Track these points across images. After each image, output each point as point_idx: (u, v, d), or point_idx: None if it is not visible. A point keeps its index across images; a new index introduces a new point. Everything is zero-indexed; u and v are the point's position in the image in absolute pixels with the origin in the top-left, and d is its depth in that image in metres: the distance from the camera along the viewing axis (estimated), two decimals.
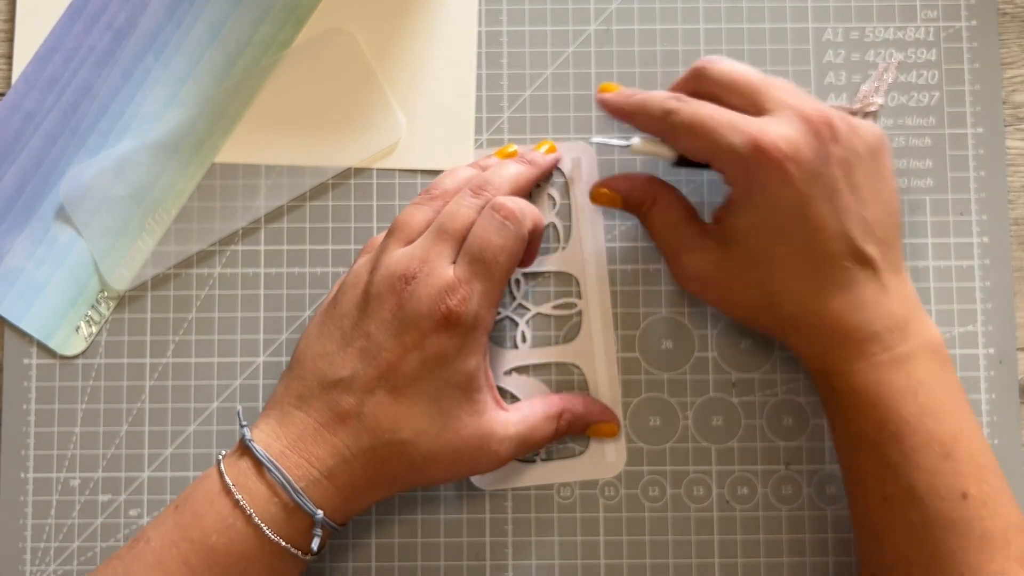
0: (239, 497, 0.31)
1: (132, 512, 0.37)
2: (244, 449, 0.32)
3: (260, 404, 0.37)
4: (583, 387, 0.37)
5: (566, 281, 0.37)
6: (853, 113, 0.38)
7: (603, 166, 0.38)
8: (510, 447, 0.33)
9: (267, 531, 0.31)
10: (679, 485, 0.37)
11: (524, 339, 0.37)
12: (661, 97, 0.33)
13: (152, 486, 0.37)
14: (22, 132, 0.38)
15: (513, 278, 0.37)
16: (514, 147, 0.37)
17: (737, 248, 0.33)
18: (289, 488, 0.31)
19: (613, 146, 0.36)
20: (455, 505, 0.37)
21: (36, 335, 0.37)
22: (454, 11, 0.38)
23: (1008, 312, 0.37)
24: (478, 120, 0.38)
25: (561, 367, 0.37)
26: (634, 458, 0.37)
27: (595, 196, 0.36)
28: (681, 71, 0.38)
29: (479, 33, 0.39)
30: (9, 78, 0.38)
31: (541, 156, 0.37)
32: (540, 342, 0.37)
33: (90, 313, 0.38)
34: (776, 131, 0.31)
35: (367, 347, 0.32)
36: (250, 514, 0.31)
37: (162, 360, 0.38)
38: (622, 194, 0.36)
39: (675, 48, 0.38)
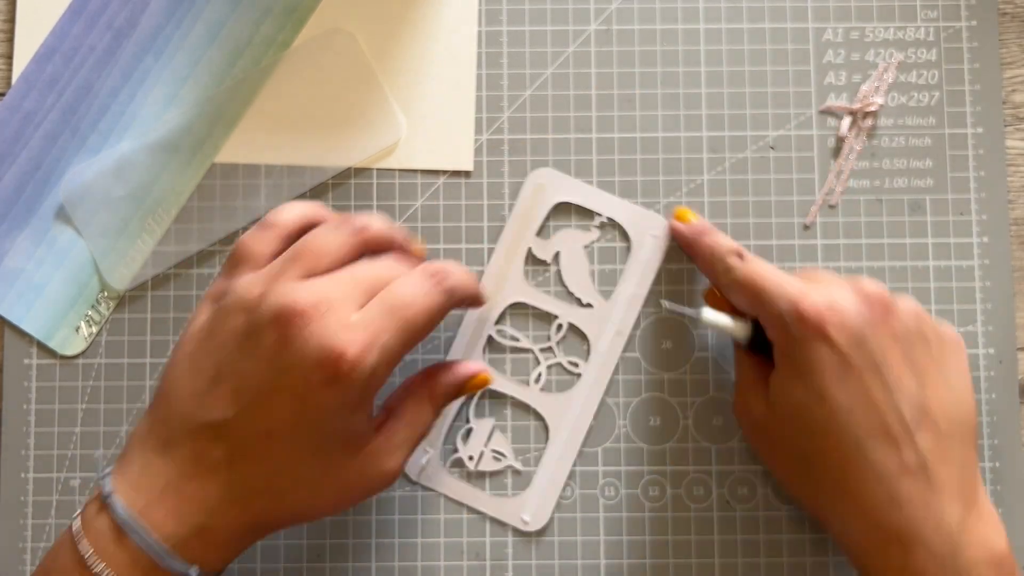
0: (99, 570, 0.28)
1: None
2: (101, 506, 0.29)
3: None
4: (543, 436, 0.36)
5: (579, 341, 0.37)
6: (853, 113, 0.38)
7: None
8: (402, 454, 0.31)
9: None
10: (679, 485, 0.37)
11: (538, 381, 0.37)
12: (725, 250, 0.33)
13: None
14: (22, 132, 0.38)
15: (558, 322, 0.37)
16: (424, 249, 0.33)
17: (781, 403, 0.31)
18: (157, 553, 0.28)
19: (685, 315, 0.36)
20: (455, 505, 0.37)
21: (36, 335, 0.38)
22: (454, 11, 0.39)
23: (1008, 312, 0.37)
24: (478, 120, 0.38)
25: (536, 416, 0.37)
26: (634, 458, 0.37)
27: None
28: (681, 71, 0.38)
29: (479, 33, 0.39)
30: (9, 78, 0.39)
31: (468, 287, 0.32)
32: (545, 387, 0.37)
33: (90, 313, 0.38)
34: (820, 294, 0.30)
35: (241, 388, 0.28)
36: None
37: (162, 360, 0.38)
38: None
39: (675, 48, 0.38)
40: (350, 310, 0.28)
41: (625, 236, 0.37)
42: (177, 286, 0.38)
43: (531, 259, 0.37)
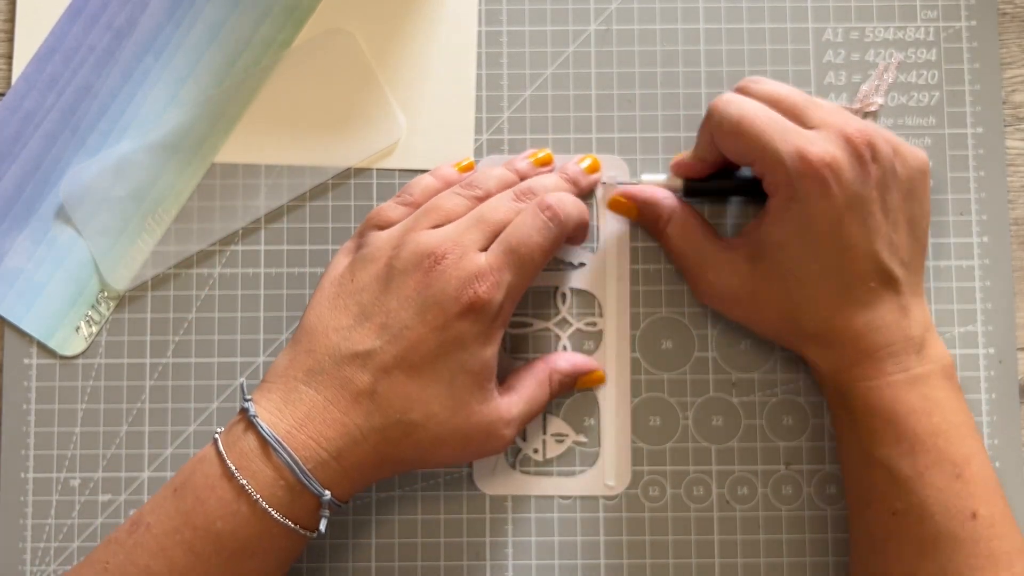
0: (244, 482, 0.30)
1: (132, 512, 0.37)
2: (247, 426, 0.31)
3: None
4: (593, 404, 0.37)
5: (588, 300, 0.38)
6: (853, 113, 0.38)
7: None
8: (516, 428, 0.34)
9: (275, 515, 0.30)
10: (679, 485, 0.37)
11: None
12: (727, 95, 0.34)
13: (152, 486, 0.37)
14: (22, 132, 0.38)
15: (561, 291, 0.38)
16: (549, 153, 0.37)
17: (768, 262, 0.34)
18: (297, 471, 0.30)
19: (622, 183, 0.37)
20: (455, 505, 0.37)
21: (36, 335, 0.38)
22: (454, 11, 0.39)
23: (1008, 312, 0.38)
24: (478, 120, 0.39)
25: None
26: (634, 458, 0.37)
27: (612, 204, 0.37)
28: (681, 71, 0.39)
29: (479, 33, 0.39)
30: (9, 78, 0.39)
31: (583, 176, 0.37)
32: None
33: (90, 313, 0.38)
34: (822, 146, 0.32)
35: (387, 323, 0.32)
36: (256, 499, 0.30)
37: (162, 360, 0.38)
38: (638, 205, 0.37)
39: (675, 48, 0.39)
40: (478, 250, 0.32)
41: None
42: (177, 286, 0.38)
43: None
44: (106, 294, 0.38)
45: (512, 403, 0.34)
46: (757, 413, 0.37)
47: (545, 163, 0.37)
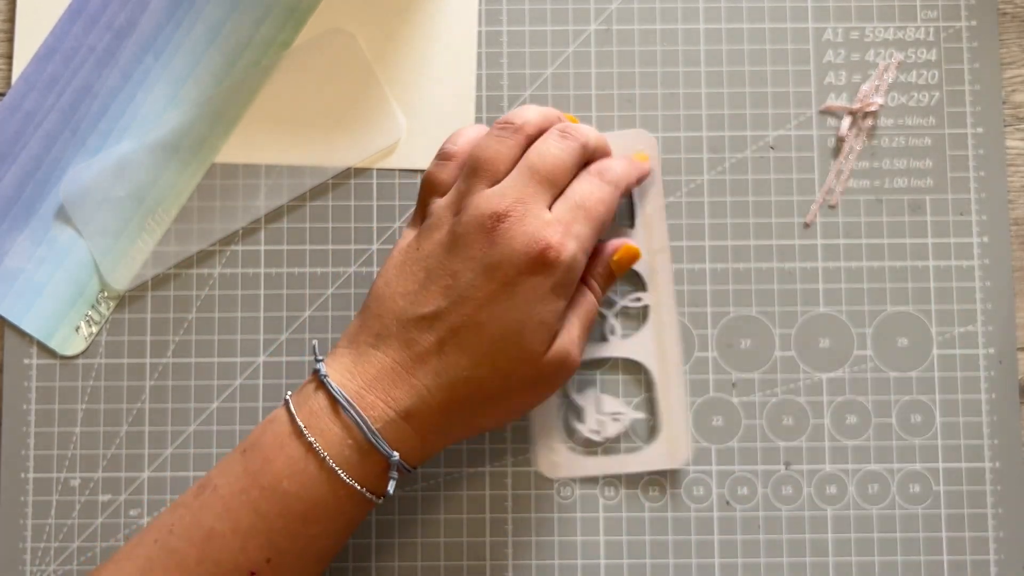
0: (312, 440, 0.30)
1: (132, 512, 0.38)
2: (317, 386, 0.32)
3: (260, 404, 0.38)
4: (648, 386, 0.37)
5: (630, 277, 0.38)
6: (853, 113, 0.38)
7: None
8: (581, 347, 0.34)
9: (342, 475, 0.30)
10: (679, 485, 0.37)
11: (614, 332, 0.37)
12: None
13: (152, 486, 0.38)
14: (22, 132, 0.38)
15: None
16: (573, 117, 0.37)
17: None
18: (365, 429, 0.30)
19: None
20: (455, 505, 0.37)
21: (36, 335, 0.38)
22: (454, 11, 0.39)
23: (1008, 312, 0.38)
24: (478, 120, 0.39)
25: (628, 363, 0.38)
26: None
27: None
28: (681, 71, 0.39)
29: (479, 33, 0.39)
30: (9, 78, 0.39)
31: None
32: (625, 334, 0.38)
33: (90, 313, 0.38)
34: None
35: (453, 285, 0.31)
36: (324, 457, 0.30)
37: (162, 360, 0.38)
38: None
39: (675, 48, 0.39)
40: (543, 206, 0.32)
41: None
42: (177, 286, 0.39)
43: None
44: (106, 294, 0.38)
45: (571, 325, 0.33)
46: (757, 413, 0.38)
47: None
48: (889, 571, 0.37)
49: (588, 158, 0.35)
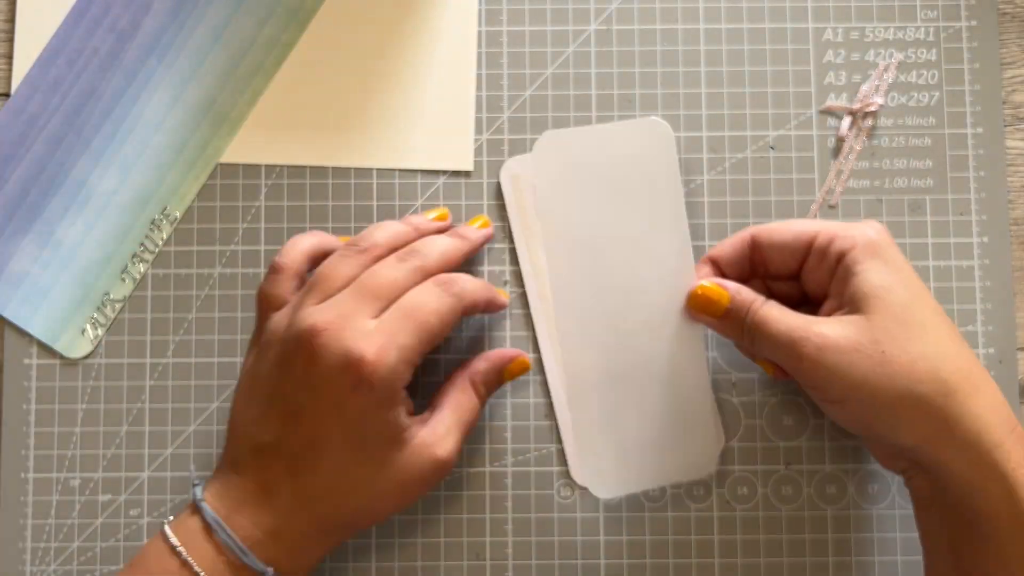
0: (186, 557, 0.32)
1: (132, 512, 0.38)
2: (194, 510, 0.33)
3: None
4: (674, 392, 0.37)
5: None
6: (853, 113, 0.39)
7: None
8: (452, 442, 0.33)
9: None
10: (679, 485, 0.38)
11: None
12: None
13: (152, 486, 0.38)
14: (26, 135, 0.39)
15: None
16: (445, 211, 0.37)
17: (882, 306, 0.31)
18: (237, 550, 0.32)
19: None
20: (455, 505, 0.38)
21: (42, 338, 0.38)
22: (454, 11, 0.40)
23: (1008, 312, 0.38)
24: (478, 120, 0.39)
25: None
26: None
27: (694, 299, 0.35)
28: (681, 71, 0.39)
29: (479, 33, 0.40)
30: (9, 79, 0.40)
31: (473, 231, 0.37)
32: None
33: (95, 315, 0.39)
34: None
35: (286, 411, 0.32)
36: (198, 572, 0.31)
37: (162, 360, 0.39)
38: (730, 293, 0.34)
39: (675, 48, 0.40)
40: (365, 319, 0.32)
41: (630, 159, 0.37)
42: (177, 286, 0.39)
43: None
44: (111, 296, 0.39)
45: (438, 421, 0.34)
46: (757, 413, 0.38)
47: (441, 219, 0.37)
48: (889, 571, 0.37)
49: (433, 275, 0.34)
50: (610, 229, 0.37)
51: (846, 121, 0.39)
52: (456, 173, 0.39)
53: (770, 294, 0.35)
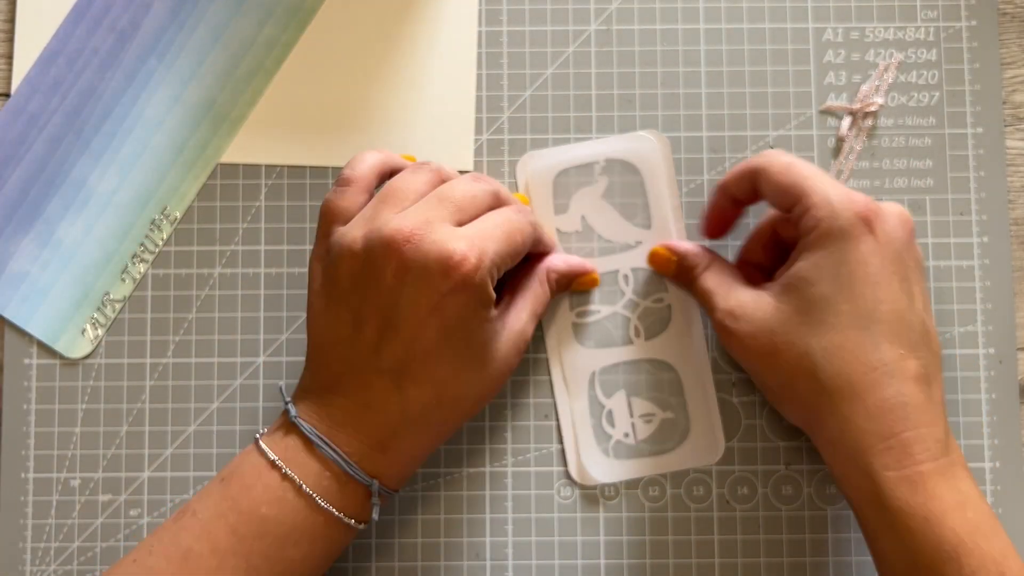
0: (287, 471, 0.32)
1: (132, 512, 0.39)
2: (289, 427, 0.33)
3: (260, 404, 0.40)
4: (675, 380, 0.39)
5: (651, 277, 0.40)
6: (853, 113, 0.40)
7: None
8: (528, 333, 0.35)
9: (320, 502, 0.32)
10: (679, 485, 0.39)
11: (638, 334, 0.39)
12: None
13: (152, 486, 0.39)
14: (26, 135, 0.40)
15: (622, 273, 0.39)
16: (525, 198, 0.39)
17: (797, 296, 0.33)
18: (343, 463, 0.32)
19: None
20: (455, 505, 0.39)
21: (42, 338, 0.39)
22: (454, 11, 0.41)
23: (1008, 312, 0.40)
24: (478, 120, 0.40)
25: (654, 364, 0.39)
26: None
27: (652, 256, 0.39)
28: (681, 71, 0.41)
29: (479, 33, 0.41)
30: (9, 79, 0.41)
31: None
32: (649, 335, 0.39)
33: (95, 315, 0.40)
34: (867, 198, 0.34)
35: (382, 322, 0.32)
36: (300, 485, 0.32)
37: (162, 360, 0.40)
38: (678, 256, 0.38)
39: (675, 48, 0.41)
40: (450, 224, 0.32)
41: (628, 165, 0.40)
42: (177, 286, 0.40)
43: (563, 237, 0.40)
44: (111, 296, 0.40)
45: (520, 309, 0.35)
46: (757, 413, 0.39)
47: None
48: None
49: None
50: (604, 234, 0.40)
51: (846, 121, 0.40)
52: None
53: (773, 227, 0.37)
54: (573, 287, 0.39)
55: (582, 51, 0.41)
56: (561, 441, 0.39)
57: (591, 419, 0.39)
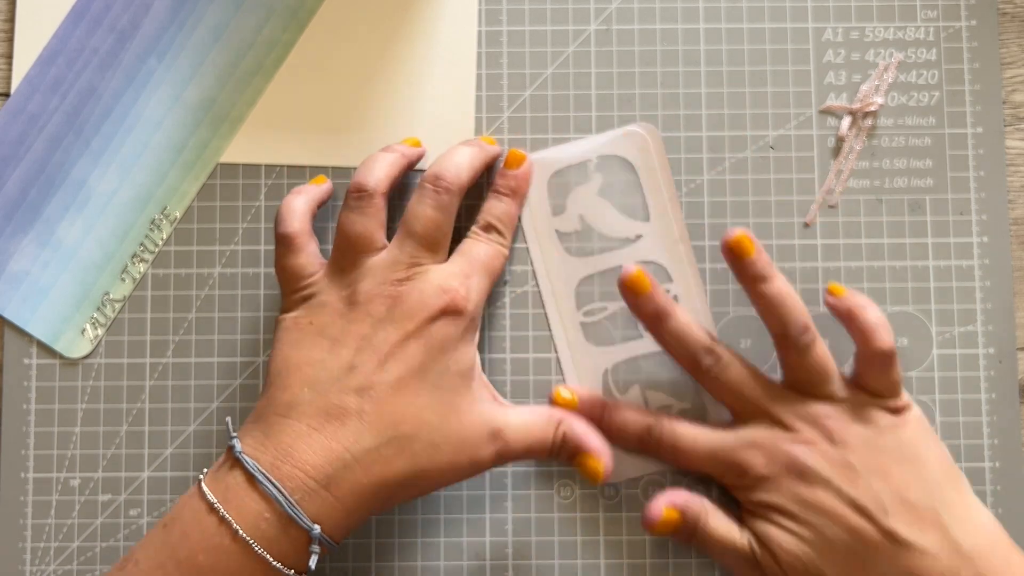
0: (224, 513, 0.31)
1: (132, 512, 0.39)
2: (233, 462, 0.32)
3: None
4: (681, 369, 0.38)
5: (655, 270, 0.39)
6: (853, 113, 0.41)
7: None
8: (510, 440, 0.34)
9: (256, 548, 0.31)
10: (679, 485, 0.39)
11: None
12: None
13: (152, 486, 0.39)
14: (26, 135, 0.40)
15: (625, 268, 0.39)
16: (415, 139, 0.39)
17: (768, 525, 0.35)
18: (283, 501, 0.31)
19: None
20: (455, 505, 0.39)
21: (42, 338, 0.40)
22: (454, 11, 0.41)
23: (1008, 312, 0.40)
24: (478, 120, 0.41)
25: (666, 354, 0.38)
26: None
27: (654, 526, 0.36)
28: (681, 71, 0.41)
29: (479, 33, 0.41)
30: (9, 79, 0.41)
31: (511, 173, 0.39)
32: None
33: (95, 315, 0.40)
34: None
35: (362, 345, 0.33)
36: (236, 530, 0.31)
37: (162, 360, 0.40)
38: (679, 508, 0.36)
39: (675, 48, 0.41)
40: (439, 263, 0.35)
41: (622, 160, 0.40)
42: (177, 286, 0.40)
43: (563, 237, 0.40)
44: (111, 296, 0.40)
45: (509, 414, 0.35)
46: None
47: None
48: None
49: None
50: (603, 231, 0.40)
51: (846, 121, 0.40)
52: None
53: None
54: (576, 463, 0.36)
55: (582, 51, 0.41)
56: None
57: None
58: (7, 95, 0.41)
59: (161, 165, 0.40)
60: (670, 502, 0.36)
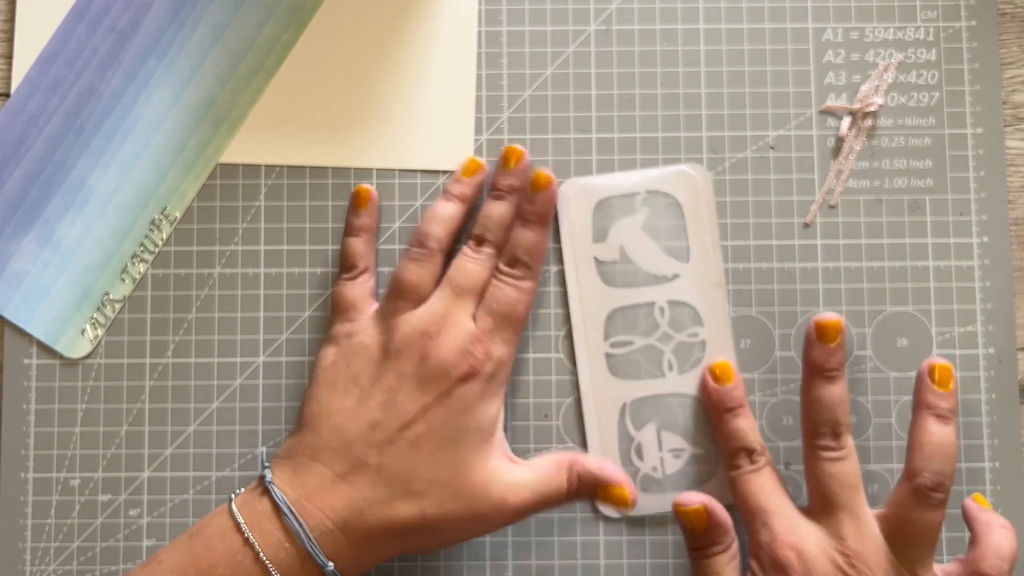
0: (249, 536, 0.33)
1: (132, 512, 0.40)
2: (263, 491, 0.35)
3: (260, 404, 0.40)
4: (703, 416, 0.39)
5: (686, 312, 0.39)
6: (853, 113, 0.41)
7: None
8: (520, 497, 0.35)
9: (275, 573, 0.33)
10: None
11: (671, 367, 0.39)
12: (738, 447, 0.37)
13: (152, 486, 0.40)
14: (26, 135, 0.40)
15: (658, 305, 0.40)
16: (479, 160, 0.40)
17: None
18: (304, 537, 0.33)
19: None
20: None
21: (42, 338, 0.40)
22: (454, 11, 0.41)
23: (1008, 312, 0.40)
24: (478, 120, 0.41)
25: (686, 398, 0.39)
26: None
27: (682, 508, 0.36)
28: (681, 71, 0.41)
29: (479, 33, 0.41)
30: (9, 79, 0.41)
31: (536, 197, 0.39)
32: (682, 370, 0.40)
33: (95, 315, 0.40)
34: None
35: (388, 401, 0.35)
36: (258, 553, 0.33)
37: (162, 360, 0.40)
38: (711, 511, 0.36)
39: (675, 48, 0.41)
40: (467, 317, 0.37)
41: (670, 198, 0.40)
42: (177, 286, 0.41)
43: (600, 265, 0.40)
44: (111, 296, 0.40)
45: (519, 470, 0.36)
46: (757, 413, 0.40)
47: (476, 170, 0.39)
48: None
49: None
50: (642, 265, 0.40)
51: (846, 121, 0.41)
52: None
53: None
54: (600, 496, 0.36)
55: (582, 51, 0.41)
56: (563, 442, 0.40)
57: (619, 451, 0.39)
58: (7, 95, 0.41)
59: (161, 165, 0.41)
60: (709, 506, 0.36)
